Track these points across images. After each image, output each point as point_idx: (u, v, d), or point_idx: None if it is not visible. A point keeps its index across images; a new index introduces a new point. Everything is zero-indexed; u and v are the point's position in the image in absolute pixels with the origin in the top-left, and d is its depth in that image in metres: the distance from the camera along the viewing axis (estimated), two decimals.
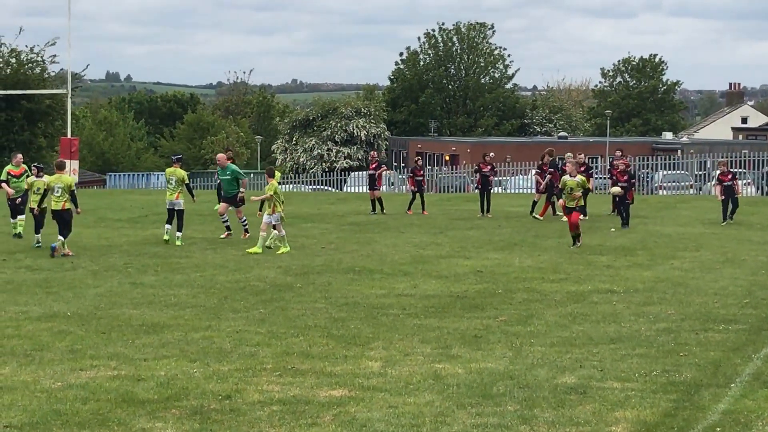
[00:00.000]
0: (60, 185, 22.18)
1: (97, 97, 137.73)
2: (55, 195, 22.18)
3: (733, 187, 29.86)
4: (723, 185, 29.93)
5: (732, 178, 30.04)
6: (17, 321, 14.72)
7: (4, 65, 52.30)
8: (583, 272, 19.73)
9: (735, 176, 30.65)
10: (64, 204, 22.12)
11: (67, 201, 22.16)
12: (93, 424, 9.54)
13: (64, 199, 22.13)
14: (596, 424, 9.52)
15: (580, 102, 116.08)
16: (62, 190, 22.13)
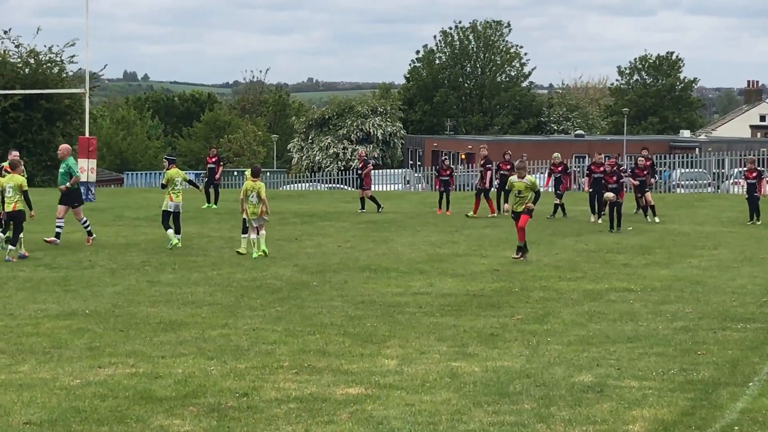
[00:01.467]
0: (11, 185, 21.43)
1: (114, 97, 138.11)
2: (7, 196, 21.41)
3: (756, 185, 29.36)
4: (747, 182, 29.65)
5: (757, 177, 29.56)
6: (36, 319, 14.79)
7: (22, 65, 52.45)
8: (600, 271, 19.69)
9: (761, 175, 30.13)
10: (15, 205, 21.39)
11: (18, 201, 21.45)
12: (111, 421, 9.58)
13: (15, 199, 21.40)
14: (613, 423, 9.51)
15: (596, 100, 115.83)
16: (13, 191, 21.40)
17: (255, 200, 21.69)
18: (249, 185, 21.80)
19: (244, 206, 21.81)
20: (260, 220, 21.74)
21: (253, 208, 21.69)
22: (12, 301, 16.31)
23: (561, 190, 31.65)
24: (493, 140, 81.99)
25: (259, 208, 21.65)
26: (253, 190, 21.73)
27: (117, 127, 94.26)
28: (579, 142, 78.84)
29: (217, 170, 35.29)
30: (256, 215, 21.65)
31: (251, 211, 21.65)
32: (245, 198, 21.77)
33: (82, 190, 39.11)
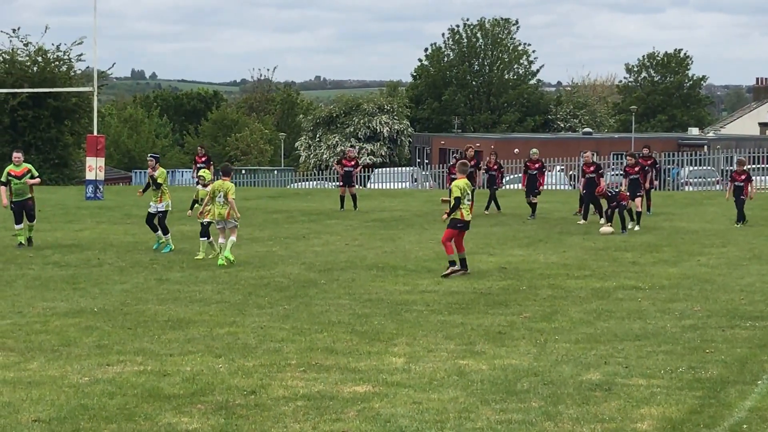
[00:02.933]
0: None
1: (122, 95, 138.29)
2: None
3: (743, 188, 27.89)
4: (734, 184, 28.20)
5: (746, 179, 28.05)
6: (45, 317, 14.82)
7: (31, 64, 52.57)
8: (608, 269, 19.68)
9: (749, 177, 28.41)
10: None
11: None
12: (120, 418, 9.61)
13: None
14: (621, 421, 9.50)
15: (604, 98, 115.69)
16: None
17: (222, 201, 20.35)
18: (218, 185, 20.59)
19: (207, 208, 20.72)
20: (226, 223, 20.41)
21: (219, 209, 20.36)
22: (21, 299, 16.36)
23: (537, 189, 30.53)
24: (501, 138, 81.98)
25: (226, 209, 20.33)
26: (221, 189, 20.43)
27: (125, 125, 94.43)
28: (587, 140, 78.74)
29: (208, 170, 34.60)
30: (222, 217, 20.36)
31: (217, 212, 20.38)
32: (212, 198, 20.55)
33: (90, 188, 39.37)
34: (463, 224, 18.75)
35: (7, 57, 52.39)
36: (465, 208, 18.71)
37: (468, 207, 18.83)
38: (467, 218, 18.78)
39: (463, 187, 18.74)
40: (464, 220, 18.72)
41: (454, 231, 18.75)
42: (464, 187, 18.79)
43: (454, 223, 18.75)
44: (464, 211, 18.69)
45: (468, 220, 18.84)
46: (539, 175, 30.91)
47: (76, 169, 53.73)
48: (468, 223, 18.88)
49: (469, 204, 18.91)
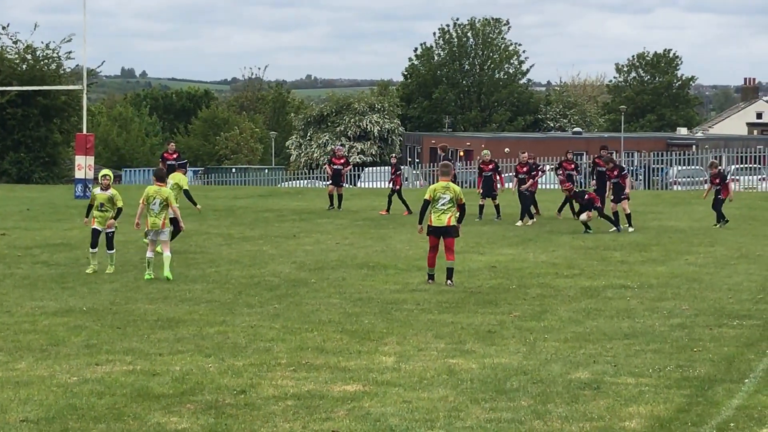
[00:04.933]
0: None
1: (112, 93, 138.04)
2: None
3: (720, 190, 27.52)
4: (713, 188, 27.92)
5: (721, 181, 27.70)
6: (33, 316, 14.80)
7: (20, 61, 52.43)
8: (597, 268, 19.72)
9: (725, 180, 28.08)
10: None
11: None
12: (108, 418, 9.60)
13: None
14: (610, 420, 9.53)
15: (594, 97, 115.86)
16: None
17: (157, 209, 18.50)
18: (152, 190, 18.65)
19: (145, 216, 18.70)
20: (160, 234, 18.57)
21: (154, 218, 18.49)
22: (9, 299, 16.33)
23: (495, 190, 29.65)
24: (491, 137, 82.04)
25: (161, 218, 18.54)
26: (157, 196, 18.54)
27: (114, 123, 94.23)
28: (576, 140, 78.87)
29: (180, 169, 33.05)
30: (157, 226, 18.50)
31: (151, 222, 18.50)
32: (146, 205, 18.64)
33: (79, 187, 39.30)
34: (432, 229, 17.54)
35: None
36: (435, 211, 17.49)
37: (440, 210, 17.44)
38: (435, 223, 17.46)
39: (434, 190, 17.55)
40: (431, 226, 17.53)
41: (429, 237, 17.75)
42: (437, 189, 17.54)
43: (428, 227, 17.72)
44: (433, 216, 17.51)
45: (437, 226, 17.43)
46: (494, 176, 29.79)
47: (66, 168, 53.60)
48: (438, 229, 17.47)
49: (444, 208, 17.44)
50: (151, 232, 18.62)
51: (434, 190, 17.56)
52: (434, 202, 17.53)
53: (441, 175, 18.20)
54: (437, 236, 17.59)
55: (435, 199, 17.53)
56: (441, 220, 17.50)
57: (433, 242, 17.71)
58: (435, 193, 17.53)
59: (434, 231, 17.58)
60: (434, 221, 17.55)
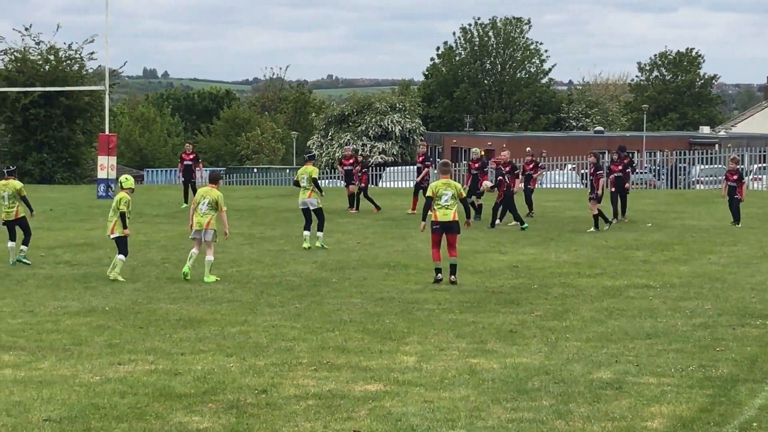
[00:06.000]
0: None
1: (134, 94, 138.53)
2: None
3: (737, 188, 27.18)
4: (728, 184, 27.52)
5: (738, 179, 27.32)
6: (56, 316, 14.86)
7: (43, 62, 52.66)
8: (619, 267, 19.66)
9: (742, 177, 27.69)
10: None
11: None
12: (131, 417, 9.63)
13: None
14: (632, 419, 9.50)
15: (616, 96, 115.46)
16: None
17: (204, 208, 18.53)
18: (203, 191, 18.80)
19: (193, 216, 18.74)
20: (204, 234, 18.56)
21: (200, 217, 18.52)
22: (32, 298, 16.41)
23: (479, 189, 28.99)
24: (513, 137, 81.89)
25: (207, 218, 18.52)
26: (207, 196, 18.59)
27: (136, 124, 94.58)
28: (598, 139, 78.64)
29: (196, 167, 33.39)
30: (201, 226, 18.50)
31: (196, 221, 18.53)
32: (195, 206, 18.72)
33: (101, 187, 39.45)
34: (438, 225, 17.65)
35: (19, 56, 52.45)
36: (439, 207, 17.63)
37: (444, 206, 17.61)
38: (441, 219, 17.61)
39: (436, 187, 17.76)
40: (438, 221, 17.65)
41: (432, 234, 17.80)
42: (438, 186, 17.75)
43: (431, 224, 17.85)
44: (438, 212, 17.64)
45: (443, 221, 17.61)
46: (481, 175, 29.37)
47: (88, 168, 53.81)
48: (445, 224, 17.60)
49: (447, 204, 17.64)
50: (196, 231, 18.66)
51: (436, 188, 17.77)
52: (437, 199, 17.71)
53: (441, 173, 18.43)
54: (441, 232, 17.71)
55: (437, 196, 17.71)
56: (447, 215, 17.67)
57: (437, 238, 17.81)
58: (437, 191, 17.73)
59: (440, 227, 17.70)
60: (440, 217, 17.68)
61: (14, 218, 20.52)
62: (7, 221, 20.56)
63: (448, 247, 17.75)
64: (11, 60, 52.44)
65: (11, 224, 20.54)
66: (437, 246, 17.84)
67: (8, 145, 53.04)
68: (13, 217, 20.52)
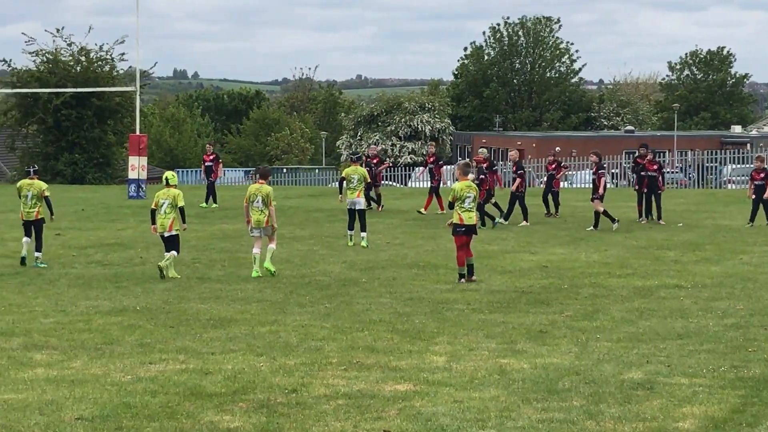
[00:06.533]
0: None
1: (165, 95, 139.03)
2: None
3: (765, 187, 26.61)
4: (754, 183, 27.01)
5: (765, 178, 26.69)
6: (88, 315, 14.95)
7: (74, 63, 52.93)
8: (650, 267, 19.57)
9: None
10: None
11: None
12: (162, 416, 9.67)
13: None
14: (663, 420, 9.45)
15: (647, 96, 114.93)
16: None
17: (260, 206, 18.88)
18: (254, 188, 19.07)
19: (249, 213, 19.05)
20: (265, 230, 19.00)
21: (257, 215, 18.88)
22: (64, 298, 16.51)
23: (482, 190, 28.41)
24: (542, 136, 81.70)
25: (265, 215, 18.92)
26: (258, 193, 18.96)
27: (167, 124, 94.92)
28: (629, 138, 78.33)
29: (216, 168, 33.66)
30: (261, 223, 18.90)
31: (255, 219, 18.86)
32: (249, 203, 19.05)
33: (132, 187, 39.64)
34: (462, 228, 17.75)
35: (50, 57, 52.75)
36: (463, 210, 17.74)
37: (468, 210, 17.77)
38: (466, 222, 17.73)
39: (459, 190, 17.77)
40: (463, 224, 17.75)
41: (457, 237, 17.86)
42: (462, 189, 17.77)
43: (454, 227, 17.93)
44: (463, 215, 17.73)
45: (468, 224, 17.74)
46: (490, 175, 28.47)
47: (119, 168, 54.04)
48: (469, 227, 17.79)
49: (470, 207, 17.80)
50: (256, 229, 18.94)
51: (459, 190, 17.79)
52: (460, 202, 17.77)
53: (461, 174, 18.36)
54: (467, 234, 17.83)
55: (460, 198, 17.77)
56: (471, 218, 17.84)
57: (462, 241, 17.88)
58: (460, 193, 17.77)
59: (465, 229, 17.82)
60: (465, 220, 17.80)
61: (34, 219, 20.43)
62: (27, 221, 20.49)
63: (467, 249, 17.93)
64: (43, 61, 52.75)
65: (29, 224, 20.50)
66: (463, 248, 17.89)
67: (40, 146, 53.34)
68: (33, 217, 20.42)
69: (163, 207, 18.99)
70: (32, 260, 20.27)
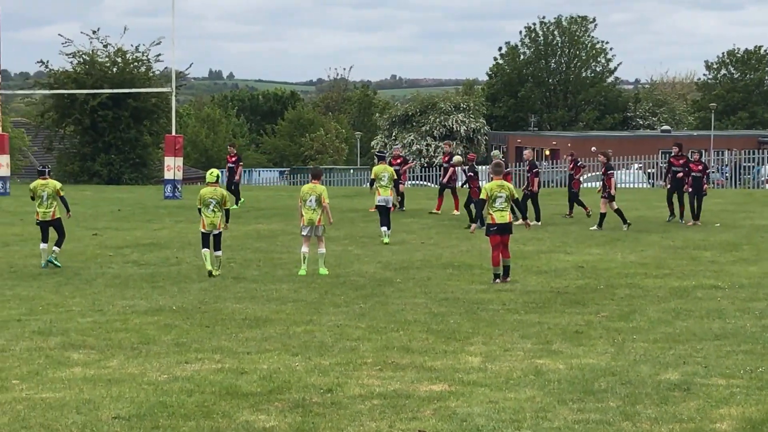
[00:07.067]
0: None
1: (200, 95, 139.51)
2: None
3: None
4: None
5: None
6: (125, 315, 15.03)
7: (110, 65, 53.24)
8: (686, 268, 19.44)
9: None
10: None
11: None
12: (198, 416, 9.71)
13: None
14: (700, 421, 9.39)
15: (684, 95, 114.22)
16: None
17: (313, 205, 19.13)
18: (307, 188, 19.37)
19: (302, 212, 19.27)
20: (316, 230, 19.26)
21: (310, 214, 19.12)
22: (101, 298, 16.61)
23: None
24: (577, 136, 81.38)
25: (317, 214, 19.19)
26: (312, 193, 19.20)
27: (202, 125, 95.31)
28: (665, 138, 77.89)
29: (237, 170, 33.71)
30: (312, 222, 19.16)
31: (308, 218, 19.12)
32: (302, 203, 19.30)
33: (168, 188, 39.83)
34: (495, 227, 17.78)
35: (87, 58, 53.08)
36: (495, 210, 17.76)
37: (500, 209, 17.74)
38: (499, 221, 17.75)
39: (490, 189, 17.76)
40: (495, 223, 17.78)
41: (490, 236, 17.89)
42: (493, 188, 17.76)
43: (487, 227, 18.00)
44: (495, 214, 17.78)
45: (501, 223, 17.76)
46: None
47: (155, 169, 54.30)
48: (502, 225, 17.80)
49: (502, 206, 17.77)
50: (307, 227, 19.16)
51: (491, 190, 17.81)
52: (491, 202, 17.83)
53: (493, 174, 18.36)
54: (501, 234, 17.85)
55: (492, 198, 17.81)
56: (504, 217, 17.86)
57: (496, 241, 17.88)
58: (492, 193, 17.81)
59: (500, 228, 17.84)
60: (498, 219, 17.84)
61: (51, 219, 20.46)
62: (43, 221, 20.49)
63: (503, 249, 17.93)
64: (80, 63, 53.10)
65: (46, 225, 20.49)
66: (498, 248, 17.89)
67: (77, 147, 53.69)
68: (49, 217, 20.45)
69: (210, 206, 19.20)
70: (36, 265, 20.20)
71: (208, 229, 19.22)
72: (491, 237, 17.91)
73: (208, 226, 19.22)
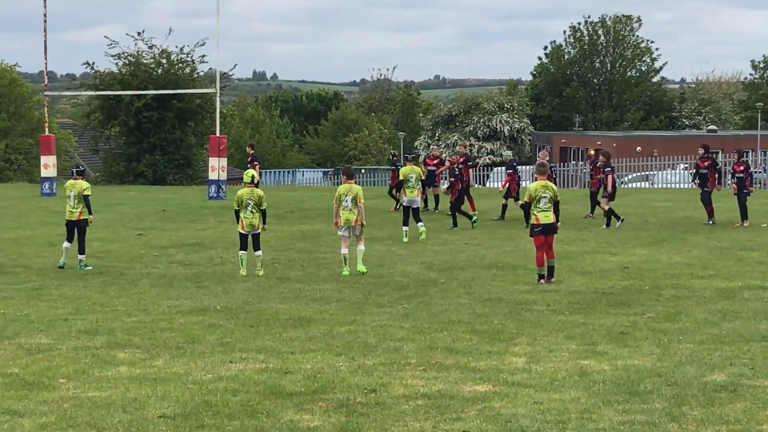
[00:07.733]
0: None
1: (244, 96, 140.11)
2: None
3: None
4: None
5: None
6: (170, 314, 15.12)
7: (155, 66, 53.61)
8: (733, 268, 19.27)
9: None
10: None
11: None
12: (242, 415, 9.74)
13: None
14: (747, 423, 9.30)
15: (730, 95, 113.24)
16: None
17: (349, 205, 19.22)
18: (344, 188, 19.34)
19: (339, 213, 19.33)
20: (353, 230, 19.34)
21: (347, 214, 19.19)
22: (146, 297, 16.72)
23: (513, 193, 28.90)
24: (623, 136, 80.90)
25: (354, 214, 19.24)
26: (348, 193, 19.27)
27: (246, 126, 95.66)
28: (711, 137, 77.28)
29: (255, 170, 33.90)
30: (350, 222, 19.24)
31: (345, 218, 19.18)
32: (338, 203, 19.35)
33: (212, 188, 40.01)
34: (540, 228, 17.71)
35: (132, 59, 53.49)
36: (539, 211, 17.70)
37: (544, 210, 17.67)
38: (543, 221, 17.69)
39: (534, 190, 17.71)
40: (540, 224, 17.72)
41: (535, 237, 17.83)
42: (537, 189, 17.71)
43: (531, 228, 18.00)
44: (539, 215, 17.72)
45: (545, 223, 17.68)
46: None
47: (199, 170, 54.64)
48: (546, 226, 17.72)
49: (546, 207, 17.69)
50: (344, 228, 19.27)
51: (535, 190, 17.77)
52: (536, 202, 17.78)
53: (538, 174, 18.32)
54: (546, 234, 17.80)
55: (536, 198, 17.77)
56: (548, 218, 17.80)
57: (541, 241, 17.84)
58: (536, 193, 17.76)
59: (544, 229, 17.79)
60: (542, 219, 17.78)
61: (76, 219, 20.50)
62: (69, 221, 20.57)
63: (547, 249, 17.89)
64: (125, 64, 53.51)
65: (72, 225, 20.56)
66: (542, 248, 17.85)
67: (122, 147, 54.13)
68: (75, 217, 20.48)
69: (249, 207, 19.28)
70: (73, 266, 20.20)
71: (247, 230, 19.32)
72: (535, 237, 17.87)
73: (247, 227, 19.32)
